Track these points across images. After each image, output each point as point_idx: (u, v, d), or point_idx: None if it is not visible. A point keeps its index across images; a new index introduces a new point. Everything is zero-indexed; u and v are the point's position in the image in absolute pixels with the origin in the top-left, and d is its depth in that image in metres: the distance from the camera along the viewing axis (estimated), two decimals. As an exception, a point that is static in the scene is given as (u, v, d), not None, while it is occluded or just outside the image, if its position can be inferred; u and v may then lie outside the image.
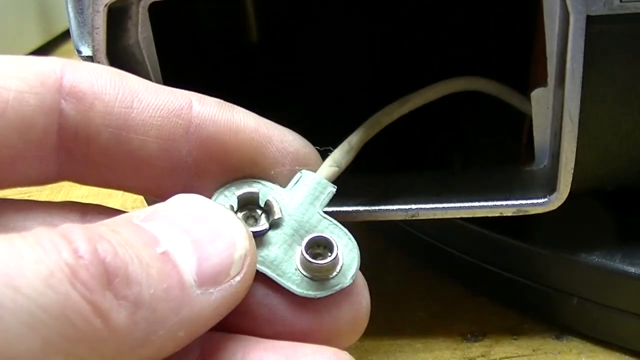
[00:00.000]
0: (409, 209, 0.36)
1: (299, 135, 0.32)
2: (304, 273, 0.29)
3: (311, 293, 0.29)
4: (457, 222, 0.40)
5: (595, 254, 0.36)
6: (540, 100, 0.36)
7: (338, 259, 0.30)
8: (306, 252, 0.29)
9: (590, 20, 0.32)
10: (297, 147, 0.32)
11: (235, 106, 0.31)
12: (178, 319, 0.24)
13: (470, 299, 0.43)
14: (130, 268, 0.23)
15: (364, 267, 0.30)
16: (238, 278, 0.26)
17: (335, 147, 0.35)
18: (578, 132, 0.34)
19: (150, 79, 0.38)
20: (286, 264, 0.30)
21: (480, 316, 0.41)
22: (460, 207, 0.36)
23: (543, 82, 0.35)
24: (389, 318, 0.42)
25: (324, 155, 0.33)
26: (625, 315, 0.36)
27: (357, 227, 0.35)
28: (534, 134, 0.37)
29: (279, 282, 0.29)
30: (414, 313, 0.42)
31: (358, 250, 0.30)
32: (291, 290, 0.29)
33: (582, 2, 0.32)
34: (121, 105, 0.29)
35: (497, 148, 0.41)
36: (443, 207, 0.36)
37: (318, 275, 0.29)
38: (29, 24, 0.82)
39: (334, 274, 0.30)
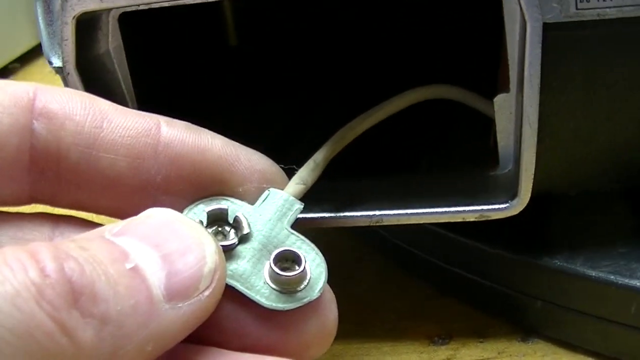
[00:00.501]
0: (372, 215, 0.36)
1: (265, 156, 0.32)
2: (273, 286, 0.29)
3: (279, 306, 0.29)
4: (424, 225, 0.39)
5: (558, 257, 0.36)
6: (502, 106, 0.35)
7: (306, 272, 0.29)
8: (274, 265, 0.29)
9: (547, 27, 0.32)
10: (263, 166, 0.32)
11: (203, 129, 0.31)
12: (146, 333, 0.24)
13: (439, 300, 0.42)
14: (97, 286, 0.23)
15: (334, 275, 0.30)
16: (207, 292, 0.26)
17: (305, 159, 0.35)
18: (540, 137, 0.33)
19: (121, 88, 0.38)
20: (255, 277, 0.29)
21: (448, 318, 0.41)
22: (423, 213, 0.35)
23: (507, 89, 0.34)
24: (359, 320, 0.41)
25: (288, 173, 0.33)
26: (587, 318, 0.36)
27: (331, 228, 0.36)
28: (498, 139, 0.36)
29: (248, 295, 0.29)
30: (383, 314, 0.42)
31: (325, 265, 0.30)
32: (259, 303, 0.29)
33: (539, 9, 0.31)
34: (91, 125, 0.29)
35: (465, 152, 0.40)
36: (406, 214, 0.35)
37: (286, 287, 0.29)
38: (20, 26, 0.81)
39: (302, 286, 0.29)
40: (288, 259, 0.30)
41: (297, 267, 0.29)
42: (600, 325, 0.35)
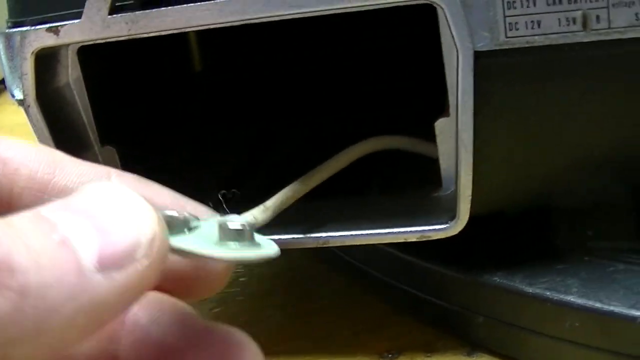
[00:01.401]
0: (319, 237, 0.36)
1: (211, 209, 0.32)
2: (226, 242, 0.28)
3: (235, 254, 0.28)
4: (376, 245, 0.39)
5: (498, 274, 0.36)
6: (444, 130, 0.35)
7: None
8: (223, 224, 0.28)
9: (479, 55, 0.31)
10: (209, 216, 0.31)
11: (151, 182, 0.31)
12: (75, 305, 0.23)
13: (392, 317, 0.42)
14: (15, 257, 0.22)
15: (292, 294, 0.30)
16: (145, 261, 0.24)
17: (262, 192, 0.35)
18: (476, 161, 0.33)
19: (81, 119, 0.38)
20: (206, 242, 0.27)
21: (399, 334, 0.40)
22: (367, 235, 0.35)
23: (448, 113, 0.34)
24: (315, 337, 0.41)
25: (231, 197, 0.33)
26: (527, 333, 0.35)
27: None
28: (440, 161, 0.36)
29: (200, 254, 0.26)
30: (338, 331, 0.41)
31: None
32: (214, 257, 0.27)
33: (470, 38, 0.31)
34: (44, 172, 0.29)
35: (415, 174, 0.40)
36: (351, 235, 0.35)
37: (240, 239, 0.28)
38: None
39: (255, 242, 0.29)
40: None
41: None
42: (538, 340, 0.35)
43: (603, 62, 0.32)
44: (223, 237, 0.28)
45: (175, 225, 0.27)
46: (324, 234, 0.36)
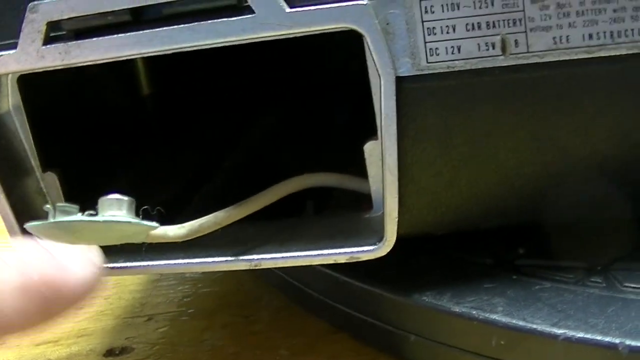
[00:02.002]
0: (251, 259, 0.35)
1: None
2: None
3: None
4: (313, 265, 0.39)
5: (427, 294, 0.35)
6: (372, 152, 0.35)
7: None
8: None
9: (401, 80, 0.31)
10: None
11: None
12: None
13: (332, 336, 0.41)
14: None
15: (234, 314, 0.31)
16: None
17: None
18: (403, 183, 0.33)
19: (22, 145, 0.37)
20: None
21: (337, 353, 0.40)
22: (298, 256, 0.35)
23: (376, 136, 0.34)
24: (254, 357, 0.40)
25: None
26: (456, 351, 0.35)
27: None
28: (370, 183, 0.36)
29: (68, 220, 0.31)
30: (276, 351, 0.41)
31: None
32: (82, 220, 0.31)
33: (391, 64, 0.31)
34: None
35: (349, 195, 0.39)
36: (282, 257, 0.35)
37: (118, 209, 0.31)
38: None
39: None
40: None
41: None
42: (467, 358, 0.35)
43: (523, 86, 0.32)
44: (102, 210, 0.31)
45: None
46: (256, 256, 0.35)
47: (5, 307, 0.28)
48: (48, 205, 0.33)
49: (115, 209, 0.31)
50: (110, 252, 0.37)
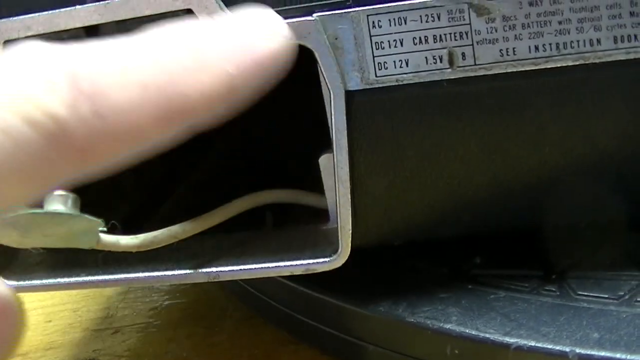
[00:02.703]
0: (210, 272, 0.35)
1: None
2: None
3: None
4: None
5: (383, 304, 0.36)
6: (327, 165, 0.35)
7: None
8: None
9: (351, 94, 0.31)
10: None
11: None
12: None
13: (293, 346, 0.41)
14: None
15: (198, 325, 0.31)
16: None
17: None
18: (357, 194, 0.33)
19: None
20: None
21: (296, 363, 0.40)
22: (255, 269, 0.35)
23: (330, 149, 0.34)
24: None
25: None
26: (412, 360, 0.35)
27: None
28: (326, 196, 0.36)
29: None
30: (238, 360, 0.40)
31: None
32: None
33: (340, 78, 0.31)
34: None
35: (308, 207, 0.39)
36: (240, 270, 0.35)
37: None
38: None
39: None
40: None
41: None
42: (423, 368, 0.35)
43: (471, 98, 0.32)
44: (46, 205, 0.31)
45: None
46: (214, 269, 0.35)
47: (187, 90, 0.24)
48: None
49: (60, 204, 0.31)
50: (70, 266, 0.38)
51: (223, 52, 0.25)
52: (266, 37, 0.26)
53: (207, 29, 0.26)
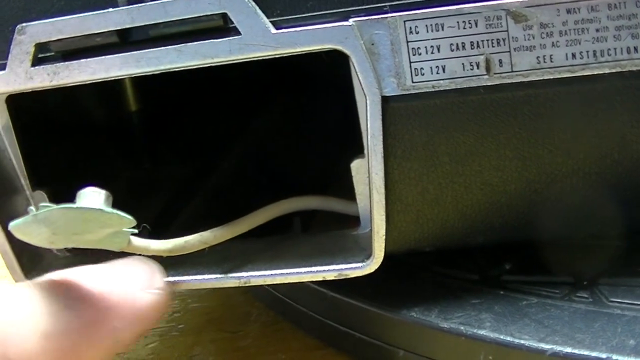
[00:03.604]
0: (240, 277, 0.35)
1: None
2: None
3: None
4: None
5: (415, 310, 0.35)
6: (360, 170, 0.35)
7: None
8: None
9: (387, 99, 0.31)
10: None
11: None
12: None
13: (320, 351, 0.41)
14: None
15: (223, 330, 0.31)
16: None
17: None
18: (390, 200, 0.33)
19: (11, 164, 0.37)
20: None
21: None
22: (287, 274, 0.35)
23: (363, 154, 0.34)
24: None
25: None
26: (444, 366, 0.35)
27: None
28: (357, 200, 0.36)
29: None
30: (266, 367, 0.40)
31: None
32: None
33: (376, 84, 0.31)
34: None
35: (337, 212, 0.39)
36: (271, 274, 0.35)
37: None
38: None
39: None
40: None
41: None
42: (455, 373, 0.35)
43: (507, 104, 0.32)
44: (78, 201, 0.31)
45: None
46: (245, 274, 0.35)
47: (80, 343, 0.29)
48: (32, 207, 0.34)
49: (92, 200, 0.32)
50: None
51: (111, 309, 0.30)
52: (147, 292, 0.32)
53: (98, 283, 0.31)
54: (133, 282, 0.32)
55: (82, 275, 0.32)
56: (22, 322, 0.28)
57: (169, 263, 0.36)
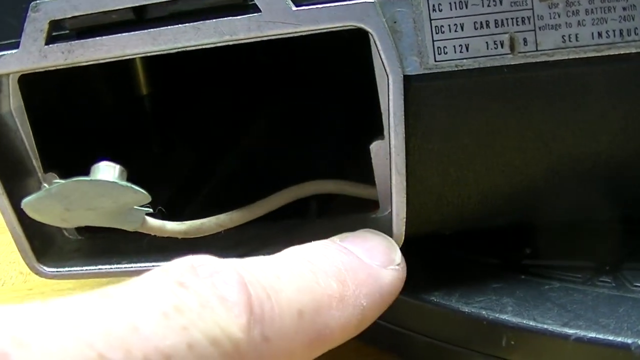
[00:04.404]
0: None
1: None
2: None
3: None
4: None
5: (434, 294, 0.35)
6: (379, 152, 0.34)
7: None
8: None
9: (409, 79, 0.31)
10: None
11: None
12: None
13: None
14: None
15: None
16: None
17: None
18: (411, 182, 0.33)
19: (24, 145, 0.37)
20: None
21: (340, 352, 0.38)
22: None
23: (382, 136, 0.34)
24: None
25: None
26: (466, 352, 0.35)
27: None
28: (376, 183, 0.35)
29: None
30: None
31: None
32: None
33: (399, 63, 0.31)
34: None
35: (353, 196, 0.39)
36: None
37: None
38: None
39: None
40: None
41: None
42: (475, 359, 0.34)
43: (531, 84, 0.31)
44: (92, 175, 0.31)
45: None
46: (262, 257, 0.35)
47: (331, 321, 0.28)
48: (45, 184, 0.33)
49: (106, 174, 0.31)
50: (109, 254, 0.37)
51: (359, 286, 0.30)
52: (389, 269, 0.32)
53: (346, 259, 0.31)
54: (375, 258, 0.32)
55: (326, 251, 0.31)
56: (277, 298, 0.26)
57: (183, 245, 0.36)
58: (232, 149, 0.51)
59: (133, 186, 0.31)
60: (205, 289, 0.25)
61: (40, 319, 0.21)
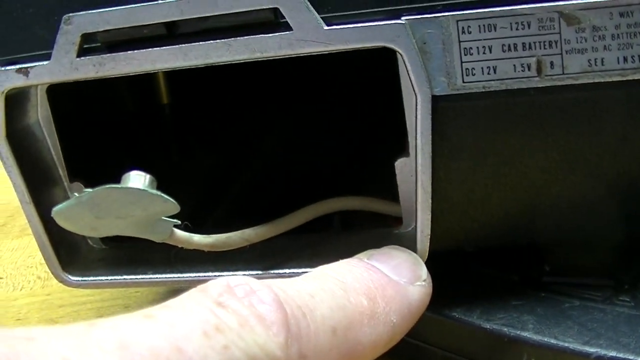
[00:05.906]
0: (282, 273, 0.36)
1: None
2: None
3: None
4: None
5: (456, 310, 0.36)
6: (404, 169, 0.35)
7: None
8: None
9: (437, 99, 0.32)
10: None
11: None
12: None
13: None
14: None
15: None
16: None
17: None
18: (436, 199, 0.34)
19: (50, 155, 0.38)
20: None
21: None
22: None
23: (407, 153, 0.35)
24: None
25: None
26: (485, 368, 0.35)
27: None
28: (400, 199, 0.36)
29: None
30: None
31: None
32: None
33: (428, 83, 0.32)
34: None
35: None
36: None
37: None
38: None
39: None
40: None
41: None
42: (496, 375, 0.35)
43: (556, 107, 0.32)
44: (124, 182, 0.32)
45: None
46: (287, 270, 0.36)
47: (363, 337, 0.29)
48: (75, 193, 0.34)
49: (136, 182, 0.32)
50: (131, 264, 0.38)
51: (390, 304, 0.31)
52: (416, 285, 0.33)
53: (374, 277, 0.31)
54: (402, 275, 0.33)
55: (355, 269, 0.32)
56: (312, 317, 0.27)
57: (208, 257, 0.37)
58: (251, 157, 0.52)
59: (163, 195, 0.32)
60: (243, 309, 0.26)
61: (87, 340, 0.22)
